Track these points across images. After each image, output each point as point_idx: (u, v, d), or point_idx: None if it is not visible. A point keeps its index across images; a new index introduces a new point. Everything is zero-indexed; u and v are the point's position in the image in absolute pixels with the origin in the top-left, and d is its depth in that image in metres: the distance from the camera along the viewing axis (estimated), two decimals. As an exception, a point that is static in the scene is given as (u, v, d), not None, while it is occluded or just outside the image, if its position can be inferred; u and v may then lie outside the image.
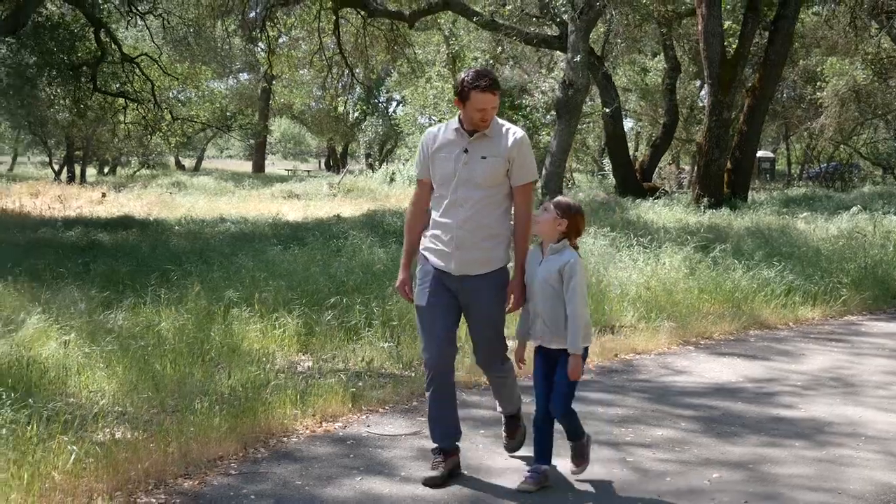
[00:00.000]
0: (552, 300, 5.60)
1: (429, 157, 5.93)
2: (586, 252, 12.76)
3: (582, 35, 18.79)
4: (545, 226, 5.65)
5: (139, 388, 7.32)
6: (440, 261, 5.87)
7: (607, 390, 8.36)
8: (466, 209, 5.75)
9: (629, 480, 6.03)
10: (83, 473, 5.53)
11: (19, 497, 5.10)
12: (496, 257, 5.84)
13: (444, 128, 5.98)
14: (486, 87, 5.65)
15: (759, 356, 9.88)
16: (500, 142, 5.80)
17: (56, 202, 30.29)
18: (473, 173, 5.75)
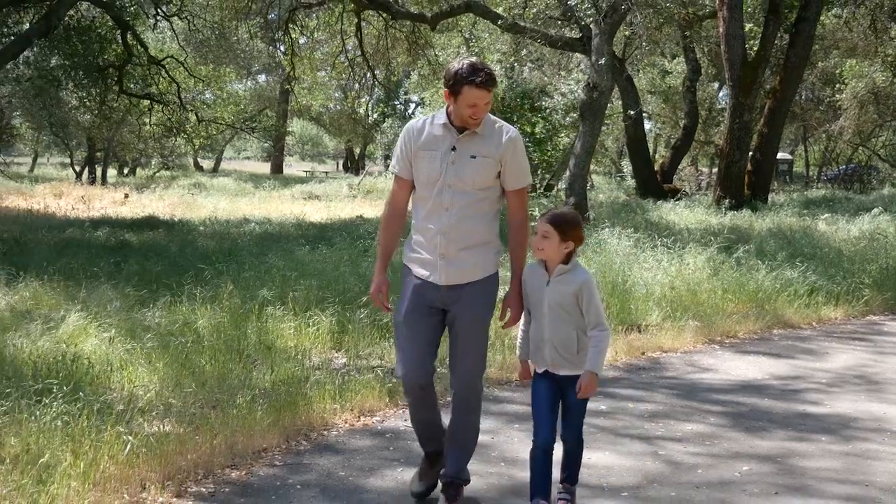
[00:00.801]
0: (565, 325, 5.13)
1: (411, 152, 5.40)
2: (611, 252, 12.94)
3: (606, 38, 18.99)
4: (551, 252, 5.12)
5: (182, 384, 7.52)
6: (423, 270, 5.38)
7: (636, 387, 8.54)
8: (452, 214, 5.25)
9: (662, 472, 6.22)
10: (135, 463, 5.74)
11: (77, 485, 5.30)
12: (485, 265, 5.37)
13: (430, 121, 5.43)
14: (481, 83, 5.10)
15: (783, 354, 10.05)
16: (491, 140, 5.29)
17: (79, 203, 30.63)
18: (461, 174, 5.24)
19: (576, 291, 5.09)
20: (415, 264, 5.44)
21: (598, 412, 7.59)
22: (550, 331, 5.15)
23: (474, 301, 5.35)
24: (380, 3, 26.18)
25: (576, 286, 5.10)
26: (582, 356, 5.12)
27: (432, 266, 5.33)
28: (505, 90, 31.31)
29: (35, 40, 17.44)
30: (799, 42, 24.62)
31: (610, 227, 14.85)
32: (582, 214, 18.27)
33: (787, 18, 25.87)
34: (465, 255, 5.28)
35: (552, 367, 5.20)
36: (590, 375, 5.11)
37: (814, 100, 44.59)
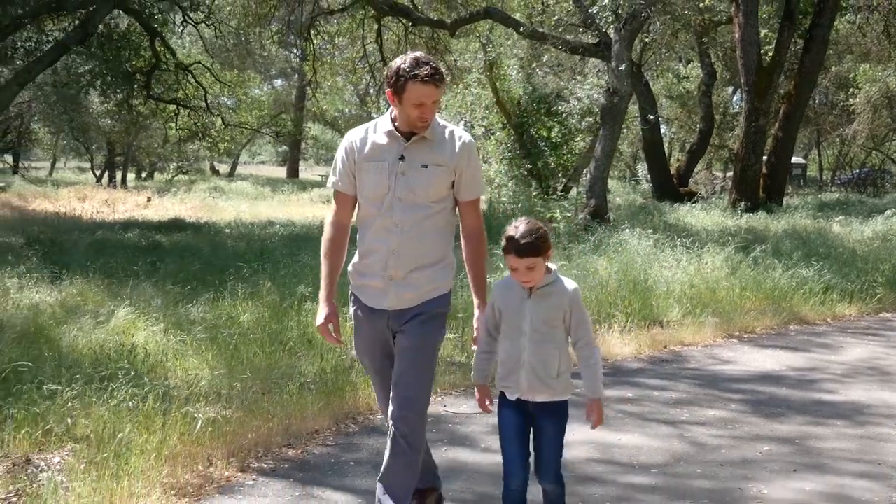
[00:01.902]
0: (547, 344, 4.56)
1: (354, 165, 4.86)
2: (632, 252, 13.37)
3: (626, 45, 19.48)
4: (539, 275, 4.54)
5: (233, 372, 7.99)
6: (373, 299, 4.86)
7: (660, 377, 9.00)
8: (403, 232, 4.74)
9: (688, 452, 6.68)
10: (202, 441, 6.22)
11: (153, 460, 5.78)
12: (438, 285, 4.88)
13: (373, 129, 4.90)
14: (427, 78, 4.57)
15: (799, 348, 10.50)
16: (443, 147, 4.80)
17: (103, 206, 31.23)
18: (412, 186, 4.73)
19: (564, 306, 4.56)
20: (362, 291, 4.94)
21: (625, 399, 8.08)
22: (531, 352, 4.56)
23: (424, 323, 4.82)
24: (400, 9, 26.68)
25: (565, 299, 4.56)
26: (562, 381, 4.59)
27: (381, 291, 4.81)
28: (522, 95, 31.74)
29: (73, 47, 18.00)
30: (813, 47, 25.01)
31: (630, 228, 15.28)
32: (602, 216, 18.76)
33: (802, 24, 26.26)
34: (416, 275, 4.79)
35: (527, 394, 4.61)
36: (597, 403, 4.65)
37: (827, 104, 44.90)
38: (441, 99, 4.80)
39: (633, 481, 6.08)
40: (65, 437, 6.38)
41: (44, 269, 12.59)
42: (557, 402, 4.63)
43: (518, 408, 4.65)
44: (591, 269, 12.41)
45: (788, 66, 28.15)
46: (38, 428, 6.34)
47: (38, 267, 12.75)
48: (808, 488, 5.94)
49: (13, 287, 11.15)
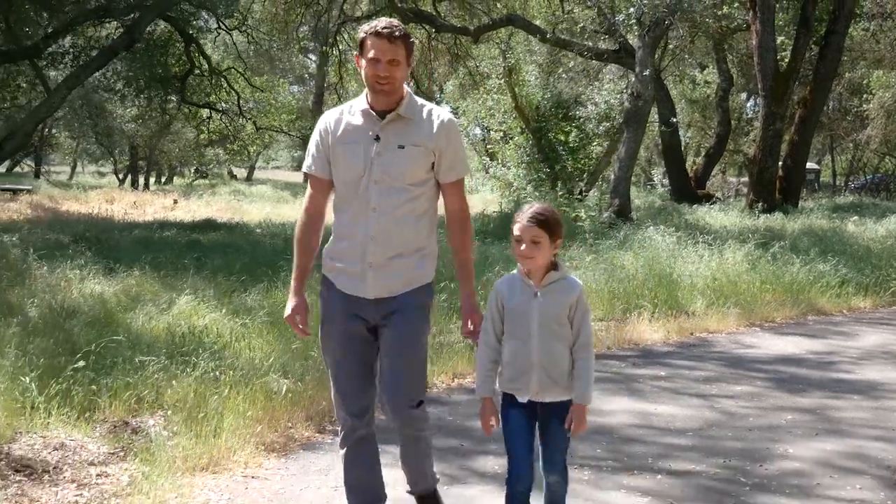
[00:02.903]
0: (556, 343, 4.39)
1: (329, 147, 4.64)
2: (657, 248, 14.04)
3: (649, 51, 20.23)
4: (544, 259, 4.37)
5: (295, 351, 8.67)
6: (348, 284, 4.62)
7: (689, 358, 9.69)
8: (380, 216, 4.50)
9: (719, 419, 7.37)
10: (282, 407, 6.93)
11: (243, 420, 6.50)
12: (420, 274, 4.65)
13: (349, 109, 4.68)
14: (380, 31, 4.39)
15: (818, 336, 11.18)
16: (421, 126, 4.56)
17: (132, 208, 32.01)
18: (389, 168, 4.50)
19: (571, 302, 4.39)
20: (337, 275, 4.68)
21: (658, 377, 8.78)
22: (541, 353, 4.38)
23: (408, 315, 4.58)
24: (425, 16, 27.39)
25: (572, 296, 4.40)
26: (570, 379, 4.42)
27: (358, 278, 4.57)
28: (540, 100, 32.41)
29: (120, 52, 18.77)
30: (829, 54, 25.62)
31: (653, 226, 15.94)
32: (626, 215, 19.46)
33: (817, 31, 26.86)
34: (396, 263, 4.55)
35: (538, 395, 4.44)
36: (581, 409, 4.41)
37: (841, 110, 45.43)
38: (404, 64, 4.49)
39: (672, 442, 6.77)
40: (154, 405, 7.11)
41: (98, 263, 13.27)
42: (565, 402, 4.42)
43: (526, 409, 4.46)
44: (618, 263, 13.11)
45: (803, 71, 28.73)
46: (131, 396, 7.06)
47: (93, 261, 13.43)
48: (828, 448, 6.63)
49: (75, 278, 11.88)
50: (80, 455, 6.15)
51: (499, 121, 35.19)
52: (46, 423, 6.53)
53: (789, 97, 25.92)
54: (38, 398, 6.63)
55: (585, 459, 6.31)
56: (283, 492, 5.69)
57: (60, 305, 10.05)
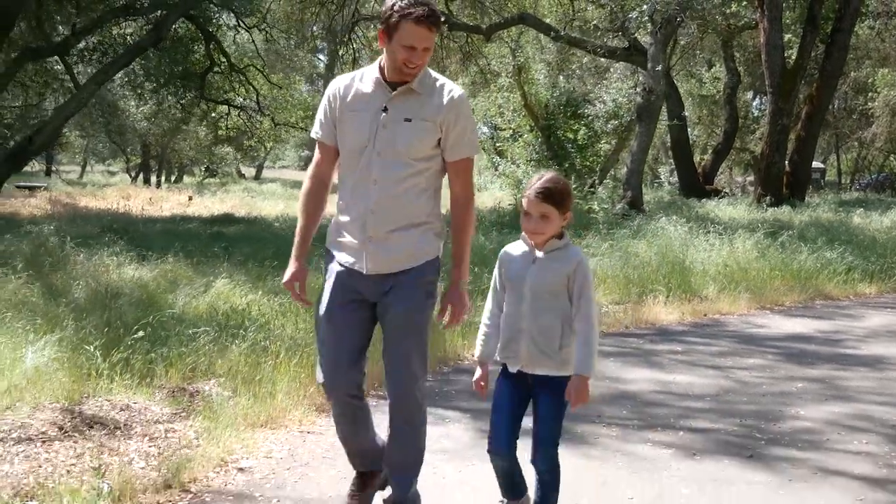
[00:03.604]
0: (548, 312, 4.28)
1: (335, 113, 4.54)
2: (669, 237, 14.57)
3: (660, 48, 20.80)
4: (552, 230, 4.31)
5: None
6: (348, 257, 4.53)
7: (703, 336, 10.24)
8: (381, 189, 4.39)
9: (734, 388, 7.90)
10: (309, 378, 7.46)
11: (295, 383, 7.03)
12: (421, 250, 4.49)
13: (360, 77, 4.55)
14: (421, 18, 4.21)
15: (825, 317, 11.72)
16: (431, 101, 4.41)
17: (148, 204, 32.56)
18: (393, 141, 4.38)
19: (569, 272, 4.27)
20: (337, 248, 4.62)
21: (674, 351, 9.32)
22: (530, 319, 4.31)
23: (409, 291, 4.46)
24: (438, 15, 27.86)
25: (570, 265, 4.28)
26: (565, 354, 4.29)
27: (358, 251, 4.49)
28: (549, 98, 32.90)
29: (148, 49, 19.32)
30: (834, 52, 26.10)
31: (666, 217, 16.47)
32: (638, 207, 20.02)
33: (824, 29, 27.34)
34: (396, 237, 4.43)
35: (527, 366, 4.34)
36: (582, 380, 4.25)
37: (846, 108, 45.86)
38: (432, 48, 4.39)
39: (690, 405, 7.30)
40: (207, 372, 7.65)
41: (131, 251, 13.79)
42: (559, 378, 4.29)
43: (517, 380, 4.38)
44: (633, 251, 13.66)
45: (810, 69, 29.20)
46: (185, 365, 7.60)
47: (126, 249, 13.95)
48: (836, 410, 7.15)
49: (112, 264, 12.42)
50: (145, 415, 6.67)
51: (508, 119, 35.73)
52: (110, 389, 7.06)
53: (796, 94, 26.41)
54: (102, 365, 7.16)
55: (612, 419, 6.84)
56: (337, 445, 6.21)
57: (104, 288, 10.58)
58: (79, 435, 6.18)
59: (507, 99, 34.42)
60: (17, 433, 6.14)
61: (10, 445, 5.91)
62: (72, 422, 6.41)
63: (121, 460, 5.65)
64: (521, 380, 4.36)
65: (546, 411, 4.31)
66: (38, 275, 11.10)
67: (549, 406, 4.31)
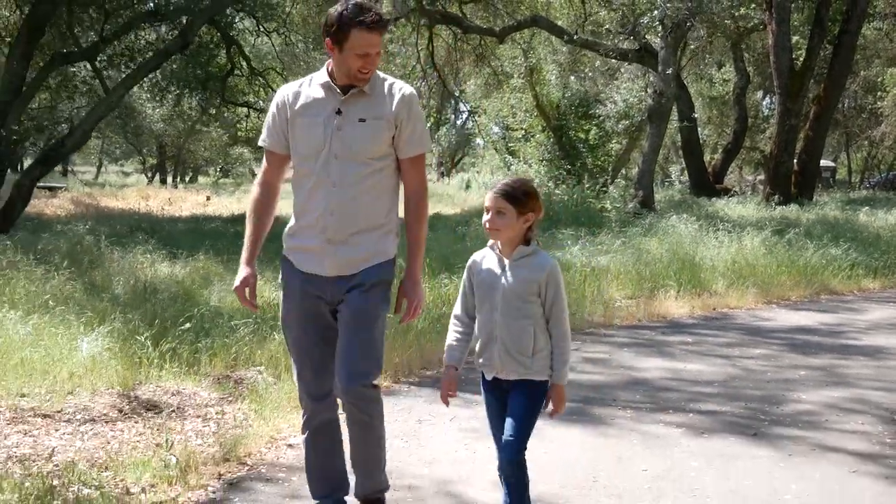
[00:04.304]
0: (520, 320, 4.30)
1: (286, 120, 4.54)
2: (680, 235, 15.12)
3: (671, 51, 21.36)
4: (508, 230, 4.29)
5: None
6: (307, 262, 4.55)
7: (712, 328, 10.80)
8: (340, 191, 4.42)
9: (739, 375, 8.45)
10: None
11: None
12: (382, 250, 4.55)
13: (308, 82, 4.58)
14: (373, 24, 4.26)
15: (829, 311, 12.27)
16: (382, 101, 4.47)
17: (167, 204, 33.18)
18: (349, 142, 4.41)
19: (540, 279, 4.29)
20: (295, 255, 4.63)
21: (685, 342, 9.89)
22: (503, 326, 4.32)
23: (365, 289, 4.48)
24: (452, 18, 28.44)
25: (541, 273, 4.30)
26: (538, 360, 4.33)
27: (317, 255, 4.51)
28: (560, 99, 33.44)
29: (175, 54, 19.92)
30: (842, 52, 26.54)
31: (676, 216, 17.03)
32: (649, 205, 20.55)
33: (831, 31, 27.79)
34: (357, 239, 4.47)
35: (501, 372, 4.38)
36: (560, 389, 4.37)
37: (856, 107, 46.22)
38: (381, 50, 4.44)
39: (700, 390, 7.86)
40: (248, 361, 8.23)
41: (162, 250, 14.36)
42: (533, 381, 4.35)
43: (496, 389, 4.45)
44: (645, 248, 14.22)
45: (818, 70, 29.64)
46: (228, 355, 8.19)
47: (157, 248, 14.53)
48: (835, 395, 7.70)
49: (146, 262, 13.01)
50: (195, 399, 7.25)
51: (520, 119, 36.25)
52: (159, 376, 7.66)
53: (804, 95, 26.89)
54: (153, 354, 7.75)
55: (626, 402, 7.41)
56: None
57: (143, 284, 11.16)
58: (137, 416, 6.77)
59: (520, 100, 34.97)
60: (82, 415, 6.75)
61: (78, 425, 6.51)
62: (129, 405, 7.02)
63: (180, 438, 6.22)
64: (498, 388, 4.43)
65: (518, 410, 4.32)
66: (78, 271, 11.68)
67: (521, 406, 4.32)
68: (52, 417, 6.62)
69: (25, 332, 8.00)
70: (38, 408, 6.77)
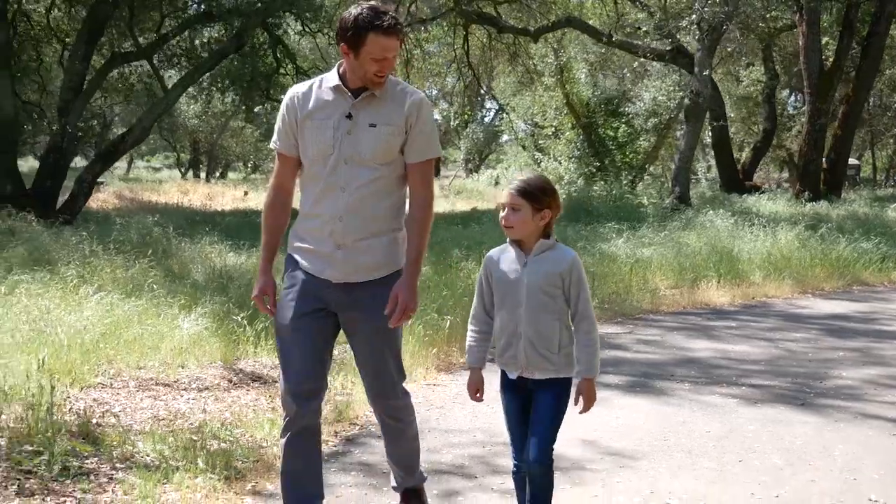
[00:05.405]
0: (545, 314, 4.23)
1: (296, 123, 4.45)
2: (717, 229, 15.87)
3: (707, 52, 22.12)
4: (523, 227, 4.22)
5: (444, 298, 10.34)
6: (314, 265, 4.44)
7: (753, 315, 11.57)
8: (350, 195, 4.35)
9: (783, 355, 9.22)
10: (444, 340, 8.77)
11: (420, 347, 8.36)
12: (391, 259, 4.46)
13: (318, 84, 4.48)
14: (389, 28, 4.20)
15: (862, 300, 13.01)
16: (393, 105, 4.40)
17: (206, 199, 34.05)
18: (359, 147, 4.35)
19: (562, 272, 4.22)
20: (302, 255, 4.51)
21: (730, 327, 10.66)
22: (527, 323, 4.23)
23: (381, 300, 4.36)
24: (487, 18, 29.19)
25: (564, 266, 4.23)
26: (563, 356, 4.27)
27: (325, 260, 4.41)
28: (590, 97, 34.15)
29: (231, 54, 20.77)
30: (870, 53, 27.15)
31: (713, 211, 17.79)
32: (686, 202, 21.30)
33: (860, 33, 28.38)
34: (365, 245, 4.39)
35: (526, 370, 4.28)
36: (589, 383, 4.27)
37: (881, 106, 46.63)
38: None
39: (748, 368, 8.63)
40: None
41: (224, 242, 15.13)
42: (559, 379, 4.29)
43: (518, 388, 4.35)
44: (684, 241, 14.97)
45: (846, 69, 30.21)
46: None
47: (221, 239, 15.31)
48: (873, 373, 8.46)
49: (213, 252, 13.82)
50: (292, 372, 8.04)
51: (550, 117, 36.93)
52: (255, 352, 8.45)
53: (833, 94, 27.53)
54: (249, 332, 8.56)
55: (683, 377, 8.20)
56: (459, 394, 7.56)
57: (218, 271, 11.96)
58: (246, 386, 7.58)
59: (550, 98, 35.66)
60: (196, 384, 7.56)
61: (197, 392, 7.31)
62: (237, 376, 7.82)
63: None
64: (520, 386, 4.33)
65: (545, 411, 4.26)
66: (154, 260, 12.48)
67: (549, 406, 4.26)
68: (171, 386, 7.42)
69: (131, 313, 8.82)
70: (157, 378, 7.58)
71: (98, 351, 7.79)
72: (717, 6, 20.97)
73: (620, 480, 5.53)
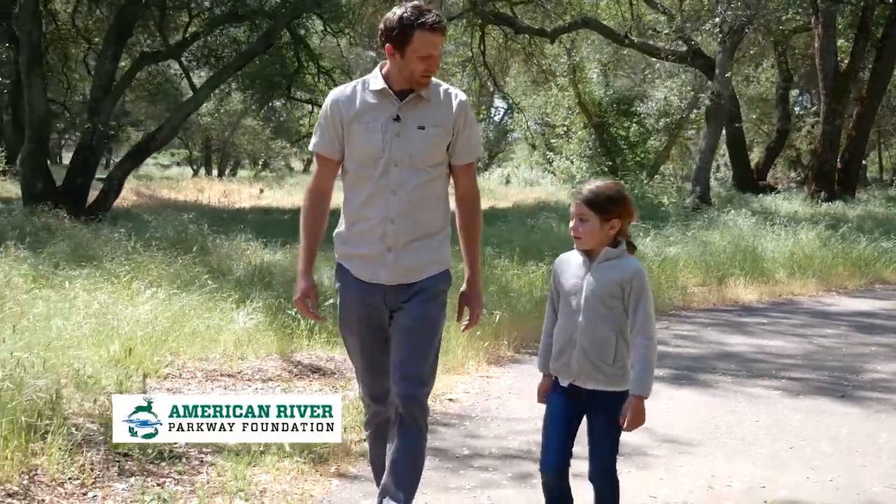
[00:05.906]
0: (602, 323, 4.14)
1: (341, 126, 4.40)
2: (739, 228, 16.19)
3: (727, 55, 22.48)
4: (590, 238, 4.16)
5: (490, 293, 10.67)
6: (365, 272, 4.42)
7: (782, 312, 11.93)
8: (401, 197, 4.32)
9: (818, 350, 9.57)
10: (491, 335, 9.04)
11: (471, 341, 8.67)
12: (440, 259, 4.47)
13: (361, 86, 4.46)
14: (434, 25, 4.20)
15: (885, 298, 13.35)
16: (439, 107, 4.40)
17: (222, 196, 34.34)
18: (409, 149, 4.33)
19: (622, 282, 4.12)
20: (353, 262, 4.49)
21: (761, 323, 11.00)
22: (583, 331, 4.15)
23: (425, 300, 4.40)
24: (504, 18, 29.49)
25: (626, 275, 4.13)
26: (618, 368, 4.16)
27: (377, 263, 4.38)
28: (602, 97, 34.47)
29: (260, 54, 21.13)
30: (885, 55, 27.39)
31: (734, 211, 18.14)
32: (706, 201, 21.61)
33: (875, 35, 28.62)
34: (417, 246, 4.38)
35: (578, 379, 4.20)
36: (639, 401, 4.10)
37: (888, 106, 46.80)
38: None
39: (786, 362, 8.98)
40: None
41: (256, 239, 15.41)
42: (612, 393, 4.16)
43: (569, 394, 4.23)
44: (708, 240, 15.28)
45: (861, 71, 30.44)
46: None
47: (254, 237, 15.57)
48: (907, 367, 8.81)
49: (249, 249, 14.13)
50: (347, 365, 8.26)
51: (562, 116, 37.25)
52: (309, 345, 8.78)
53: (848, 95, 27.80)
54: (303, 326, 8.88)
55: (725, 370, 8.54)
56: (514, 385, 7.90)
57: (258, 268, 12.27)
58: (306, 377, 7.90)
59: (563, 97, 35.97)
60: (259, 375, 7.88)
61: (262, 382, 7.64)
62: (295, 368, 8.15)
63: (354, 394, 7.32)
64: (573, 394, 4.22)
65: (601, 431, 4.20)
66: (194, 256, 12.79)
67: (604, 425, 4.19)
68: (235, 377, 7.74)
69: (187, 307, 9.13)
70: (220, 369, 7.90)
71: (161, 344, 8.11)
72: (740, 10, 21.29)
73: (682, 465, 5.87)
